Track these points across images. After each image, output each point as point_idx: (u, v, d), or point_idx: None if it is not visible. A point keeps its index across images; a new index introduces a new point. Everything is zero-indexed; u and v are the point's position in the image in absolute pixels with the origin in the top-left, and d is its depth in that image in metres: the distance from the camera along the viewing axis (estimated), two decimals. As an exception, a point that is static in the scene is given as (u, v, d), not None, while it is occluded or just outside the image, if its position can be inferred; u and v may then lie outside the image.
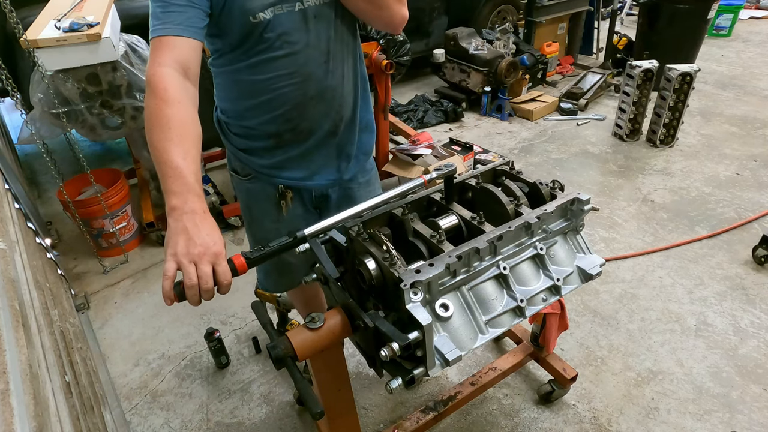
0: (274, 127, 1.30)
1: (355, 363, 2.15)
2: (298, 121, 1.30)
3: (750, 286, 2.41)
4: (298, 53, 1.19)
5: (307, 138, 1.33)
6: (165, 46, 1.04)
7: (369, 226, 1.11)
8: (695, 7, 4.10)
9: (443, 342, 0.94)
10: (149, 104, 1.01)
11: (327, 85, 1.27)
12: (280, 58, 1.19)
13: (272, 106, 1.27)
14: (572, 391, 1.95)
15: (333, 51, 1.24)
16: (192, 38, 1.06)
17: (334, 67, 1.26)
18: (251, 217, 1.53)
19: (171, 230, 0.91)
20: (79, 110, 2.40)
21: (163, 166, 0.95)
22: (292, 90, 1.24)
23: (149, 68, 1.03)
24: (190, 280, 0.87)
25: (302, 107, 1.27)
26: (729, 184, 3.22)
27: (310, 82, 1.24)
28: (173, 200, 0.92)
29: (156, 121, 0.98)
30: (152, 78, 1.01)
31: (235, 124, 1.36)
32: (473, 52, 4.28)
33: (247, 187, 1.46)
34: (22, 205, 2.12)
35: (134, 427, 1.96)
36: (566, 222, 1.16)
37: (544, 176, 2.42)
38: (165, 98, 0.99)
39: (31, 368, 0.97)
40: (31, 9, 2.70)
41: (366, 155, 1.50)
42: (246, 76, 1.23)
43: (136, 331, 2.41)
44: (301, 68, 1.21)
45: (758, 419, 1.82)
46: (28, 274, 1.47)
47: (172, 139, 0.96)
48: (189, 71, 1.06)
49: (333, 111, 1.32)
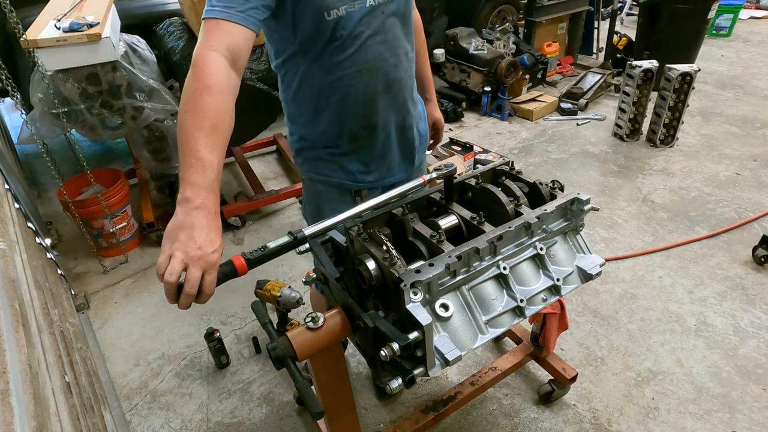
0: (348, 127, 1.33)
1: (355, 363, 2.15)
2: (369, 116, 1.33)
3: (750, 286, 2.41)
4: (368, 49, 1.22)
5: (379, 134, 1.36)
6: (221, 30, 1.01)
7: (369, 226, 1.11)
8: (695, 7, 4.10)
9: (443, 342, 0.94)
10: (190, 86, 0.96)
11: (393, 78, 1.30)
12: (351, 55, 1.21)
13: (344, 105, 1.29)
14: (572, 391, 1.95)
15: (398, 45, 1.28)
16: (250, 29, 1.04)
17: (399, 60, 1.30)
18: (319, 216, 1.48)
19: (177, 221, 0.87)
20: (79, 110, 2.40)
21: (187, 154, 0.90)
22: (362, 86, 1.27)
23: (199, 48, 1.00)
24: (170, 276, 0.83)
25: (372, 103, 1.31)
26: (729, 184, 3.22)
27: (378, 77, 1.27)
28: (188, 191, 0.88)
29: (192, 106, 0.94)
30: (199, 60, 0.98)
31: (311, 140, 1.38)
32: (473, 52, 4.27)
33: (320, 189, 1.46)
34: (22, 205, 2.12)
35: (134, 427, 1.96)
36: (566, 222, 1.16)
37: (544, 176, 2.42)
38: (208, 84, 0.96)
39: (31, 368, 0.97)
40: (31, 9, 2.71)
41: (424, 142, 1.55)
42: (317, 76, 1.25)
43: (136, 331, 2.41)
44: (369, 63, 1.24)
45: (758, 419, 1.82)
46: (28, 274, 1.47)
47: (204, 129, 0.93)
48: (238, 62, 1.03)
49: (399, 103, 1.36)
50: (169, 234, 0.87)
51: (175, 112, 2.93)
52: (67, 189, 2.63)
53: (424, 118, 1.55)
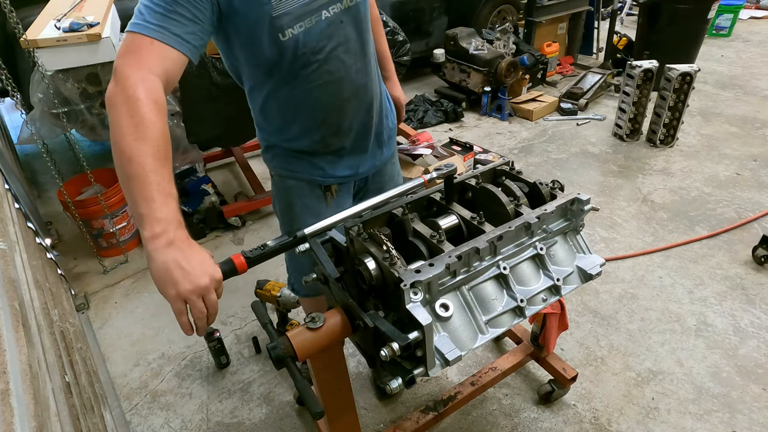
0: (318, 135, 1.33)
1: (355, 363, 2.15)
2: (338, 123, 1.32)
3: (750, 286, 2.41)
4: (331, 61, 1.20)
5: (347, 135, 1.36)
6: (156, 52, 0.97)
7: (369, 226, 1.11)
8: (695, 7, 4.10)
9: (443, 342, 0.94)
10: (135, 112, 0.91)
11: (359, 83, 1.29)
12: (315, 70, 1.20)
13: (312, 116, 1.29)
14: (572, 391, 1.95)
15: (359, 50, 1.26)
16: (186, 55, 1.01)
17: (362, 65, 1.28)
18: (292, 213, 1.49)
19: (156, 265, 0.84)
20: (79, 110, 2.40)
21: (145, 187, 0.87)
22: (329, 97, 1.26)
23: (134, 69, 0.94)
24: (200, 313, 0.86)
25: (340, 110, 1.30)
26: (729, 184, 3.22)
27: (344, 85, 1.26)
28: (156, 227, 0.85)
29: (144, 134, 0.89)
30: (142, 84, 0.93)
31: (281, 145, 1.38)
32: (473, 52, 4.27)
33: (290, 185, 1.45)
34: (22, 205, 2.12)
35: (134, 427, 1.96)
36: (566, 222, 1.16)
37: (544, 176, 2.42)
38: (157, 111, 0.92)
39: (31, 368, 0.97)
40: (31, 9, 2.71)
41: (393, 130, 1.54)
42: (282, 92, 1.24)
43: (136, 331, 2.41)
44: (334, 74, 1.23)
45: (758, 419, 1.82)
46: (28, 274, 1.47)
47: (160, 159, 0.89)
48: (168, 88, 1.00)
49: (366, 104, 1.35)
50: (162, 284, 0.85)
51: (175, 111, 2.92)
52: (67, 189, 2.63)
53: (392, 109, 1.55)
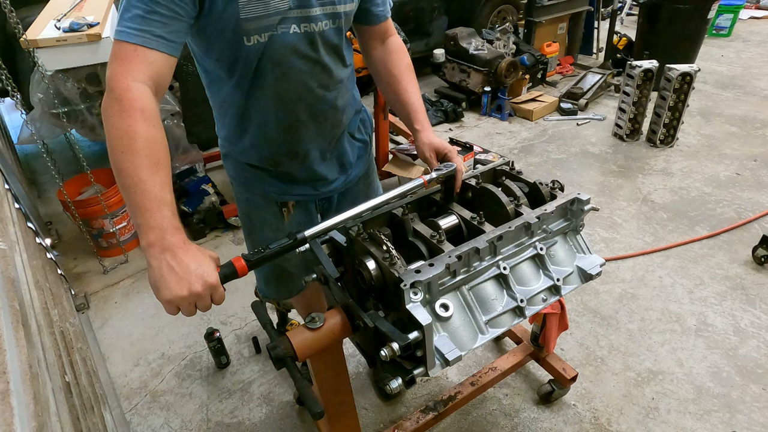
0: (269, 151, 1.28)
1: (355, 363, 2.15)
2: (291, 144, 1.27)
3: (750, 286, 2.41)
4: (290, 78, 1.15)
5: (304, 159, 1.31)
6: (141, 58, 0.94)
7: (369, 227, 1.11)
8: (695, 7, 4.10)
9: (443, 342, 0.94)
10: (120, 124, 0.90)
11: (319, 110, 1.23)
12: (272, 83, 1.14)
13: (264, 130, 1.24)
14: (572, 391, 1.95)
15: (328, 76, 1.20)
16: (171, 55, 0.98)
17: (328, 91, 1.23)
18: (251, 225, 1.48)
19: (154, 272, 0.85)
20: (79, 110, 2.40)
21: (139, 198, 0.87)
22: (282, 114, 1.21)
23: (120, 80, 0.92)
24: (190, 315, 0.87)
25: (294, 130, 1.25)
26: (729, 184, 3.22)
27: (300, 107, 1.21)
28: (151, 236, 0.86)
29: (129, 146, 0.89)
30: (125, 94, 0.91)
31: (233, 155, 1.34)
32: (473, 52, 4.27)
33: (246, 197, 1.42)
34: (22, 205, 2.12)
35: (134, 427, 1.96)
36: (566, 222, 1.16)
37: (544, 176, 2.42)
38: (143, 120, 0.90)
39: (31, 368, 0.97)
40: (31, 9, 2.71)
41: (364, 147, 1.47)
42: (237, 98, 1.19)
43: (136, 331, 2.41)
44: (291, 93, 1.17)
45: (758, 419, 1.82)
46: (28, 274, 1.47)
47: (149, 168, 0.88)
48: (160, 90, 0.98)
49: (327, 131, 1.29)
50: (155, 289, 0.86)
51: (175, 111, 2.93)
52: (67, 189, 2.64)
53: (368, 124, 1.47)
